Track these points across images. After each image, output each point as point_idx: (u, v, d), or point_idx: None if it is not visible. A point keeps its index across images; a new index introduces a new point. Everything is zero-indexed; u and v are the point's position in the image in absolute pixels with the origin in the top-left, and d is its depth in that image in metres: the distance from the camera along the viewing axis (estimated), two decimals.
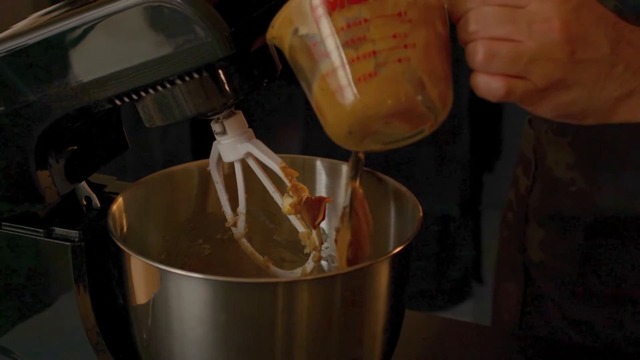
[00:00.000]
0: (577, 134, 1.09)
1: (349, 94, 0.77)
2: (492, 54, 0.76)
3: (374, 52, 0.76)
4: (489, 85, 0.77)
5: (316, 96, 0.78)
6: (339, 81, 0.77)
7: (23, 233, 0.89)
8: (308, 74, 0.78)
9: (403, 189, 0.93)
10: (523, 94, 0.78)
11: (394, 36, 0.76)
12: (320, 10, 0.76)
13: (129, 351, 0.90)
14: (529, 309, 1.18)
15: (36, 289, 0.90)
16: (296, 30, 0.77)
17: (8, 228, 0.89)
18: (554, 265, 1.15)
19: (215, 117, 0.87)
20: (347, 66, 0.76)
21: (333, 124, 0.80)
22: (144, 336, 0.86)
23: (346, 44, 0.76)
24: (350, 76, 0.76)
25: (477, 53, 0.77)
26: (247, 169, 0.91)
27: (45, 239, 0.88)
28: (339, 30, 0.76)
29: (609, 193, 1.08)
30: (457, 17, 0.78)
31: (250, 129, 0.89)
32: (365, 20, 0.76)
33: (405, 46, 0.76)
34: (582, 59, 0.77)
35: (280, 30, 0.78)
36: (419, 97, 0.77)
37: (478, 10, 0.76)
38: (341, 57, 0.76)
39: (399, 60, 0.76)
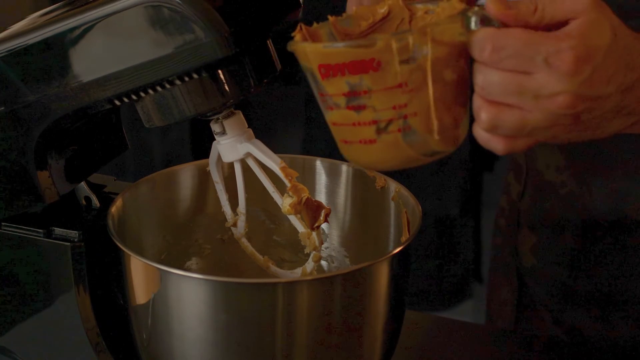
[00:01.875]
0: None
1: (352, 150, 0.78)
2: (495, 125, 0.74)
3: (375, 121, 0.75)
4: (488, 143, 0.76)
5: (328, 123, 0.79)
6: (343, 135, 0.78)
7: (23, 233, 0.89)
8: (319, 103, 0.78)
9: (403, 189, 0.93)
10: (524, 149, 0.77)
11: (394, 107, 0.75)
12: (324, 71, 0.75)
13: (129, 351, 0.90)
14: (522, 315, 1.18)
15: (36, 289, 0.90)
16: (306, 67, 0.77)
17: (8, 228, 0.89)
18: (545, 270, 1.15)
19: (215, 117, 0.87)
20: (349, 126, 0.76)
21: (342, 152, 0.80)
22: (144, 336, 0.86)
23: (348, 108, 0.76)
24: (352, 136, 0.77)
25: (480, 116, 0.74)
26: (247, 169, 0.91)
27: (45, 239, 0.88)
28: (340, 94, 0.75)
29: (599, 195, 1.07)
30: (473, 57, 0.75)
31: (250, 129, 0.89)
32: (366, 91, 0.75)
33: (405, 116, 0.75)
34: (588, 118, 0.75)
35: (295, 53, 0.78)
36: (422, 155, 0.77)
37: (484, 73, 0.73)
38: (343, 117, 0.76)
39: (399, 130, 0.76)
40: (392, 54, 0.73)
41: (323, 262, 0.99)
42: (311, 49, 0.75)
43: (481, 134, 0.76)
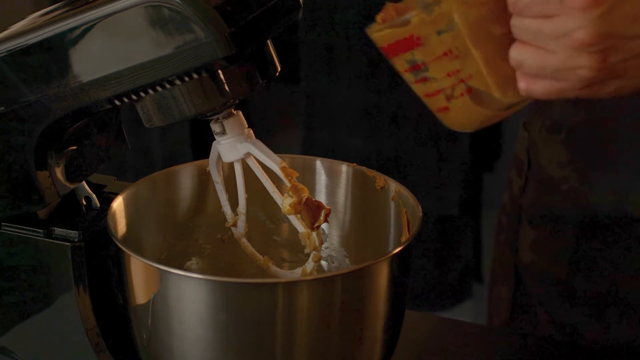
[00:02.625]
0: (571, 132, 1.09)
1: (441, 117, 0.81)
2: (520, 60, 0.77)
3: (439, 90, 0.79)
4: (517, 81, 0.78)
5: None
6: (430, 105, 0.81)
7: (23, 233, 0.89)
8: None
9: (403, 189, 0.93)
10: (551, 94, 0.77)
11: (449, 75, 0.78)
12: (385, 53, 0.79)
13: (129, 351, 0.90)
14: (518, 312, 1.18)
15: (36, 289, 0.90)
16: None
17: (8, 228, 0.89)
18: (543, 267, 1.14)
19: (215, 117, 0.87)
20: (426, 98, 0.80)
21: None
22: (144, 336, 0.86)
23: (415, 82, 0.79)
24: (433, 105, 0.80)
25: (510, 54, 0.77)
26: (247, 169, 0.91)
27: (45, 239, 0.88)
28: (405, 71, 0.79)
29: (601, 191, 1.07)
30: None
31: (250, 129, 0.89)
32: (422, 64, 0.78)
33: (462, 80, 0.78)
34: (617, 60, 0.76)
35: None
36: (499, 111, 0.79)
37: (514, 19, 0.76)
38: (419, 90, 0.80)
39: (462, 94, 0.78)
40: (429, 27, 0.75)
41: (323, 262, 0.99)
42: (372, 36, 0.80)
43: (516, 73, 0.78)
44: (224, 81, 0.82)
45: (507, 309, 1.19)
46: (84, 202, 0.93)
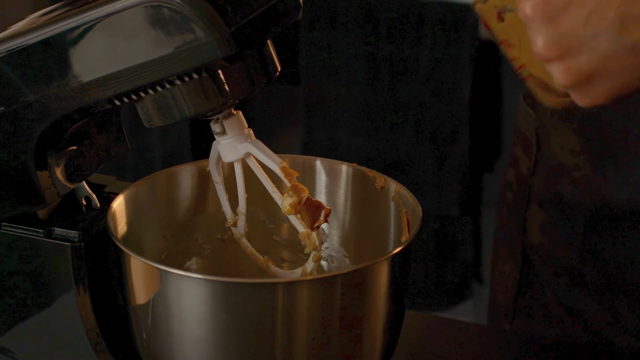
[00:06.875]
0: (584, 121, 1.08)
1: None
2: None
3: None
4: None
5: None
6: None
7: (23, 233, 0.89)
8: None
9: (403, 189, 0.93)
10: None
11: (511, 59, 0.83)
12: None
13: (129, 351, 0.90)
14: (524, 291, 1.18)
15: (36, 289, 0.90)
16: None
17: (8, 228, 0.89)
18: (552, 250, 1.14)
19: (215, 117, 0.87)
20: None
21: None
22: (144, 336, 0.86)
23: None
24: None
25: None
26: (247, 169, 0.91)
27: (45, 239, 0.88)
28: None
29: (614, 182, 1.07)
30: None
31: (250, 129, 0.89)
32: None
33: (521, 66, 0.82)
34: (584, 61, 0.75)
35: None
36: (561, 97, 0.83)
37: None
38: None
39: (527, 77, 0.83)
40: (489, 14, 0.82)
41: (323, 262, 0.99)
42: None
43: None
44: (224, 81, 0.82)
45: (513, 286, 1.18)
46: (84, 202, 0.93)
